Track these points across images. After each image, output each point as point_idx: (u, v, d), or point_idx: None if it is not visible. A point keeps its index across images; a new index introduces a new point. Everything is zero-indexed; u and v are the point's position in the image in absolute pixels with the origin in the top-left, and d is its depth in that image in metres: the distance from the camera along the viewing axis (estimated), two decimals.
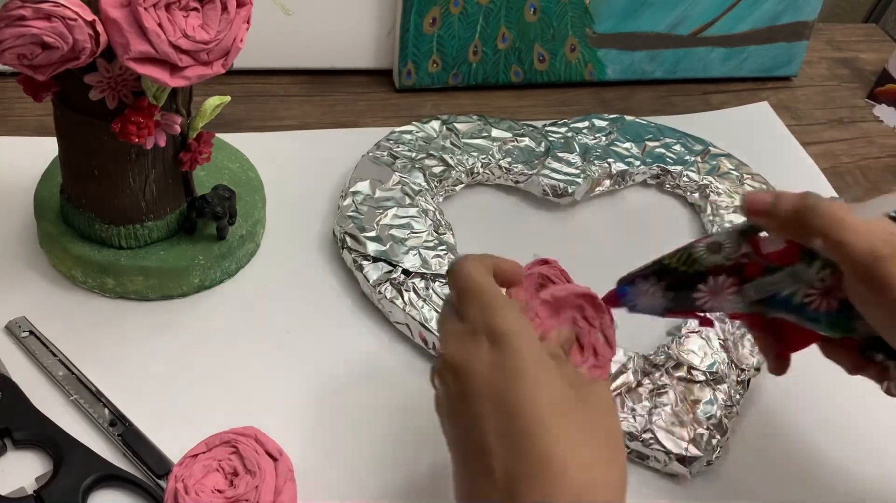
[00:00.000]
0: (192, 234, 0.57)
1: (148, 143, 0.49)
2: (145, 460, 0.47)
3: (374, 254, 0.58)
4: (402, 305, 0.56)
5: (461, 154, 0.68)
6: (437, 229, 0.61)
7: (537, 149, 0.70)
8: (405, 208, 0.62)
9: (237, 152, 0.63)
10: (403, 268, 0.57)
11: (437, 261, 0.58)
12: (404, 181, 0.64)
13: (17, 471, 0.46)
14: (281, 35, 0.74)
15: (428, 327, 0.55)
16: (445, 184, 0.66)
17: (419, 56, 0.76)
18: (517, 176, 0.68)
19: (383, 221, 0.60)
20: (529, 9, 0.77)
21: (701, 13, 0.82)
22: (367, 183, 0.63)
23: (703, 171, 0.71)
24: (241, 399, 0.52)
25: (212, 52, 0.45)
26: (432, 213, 0.62)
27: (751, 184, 0.70)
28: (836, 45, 0.99)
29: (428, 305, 0.56)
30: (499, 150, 0.69)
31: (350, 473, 0.49)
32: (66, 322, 0.54)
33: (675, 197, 0.72)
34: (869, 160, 0.81)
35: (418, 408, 0.46)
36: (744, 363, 0.56)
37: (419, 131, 0.69)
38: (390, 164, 0.65)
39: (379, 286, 0.57)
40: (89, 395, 0.50)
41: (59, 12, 0.41)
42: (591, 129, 0.73)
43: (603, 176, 0.69)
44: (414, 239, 0.60)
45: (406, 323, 0.56)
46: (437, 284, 0.57)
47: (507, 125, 0.72)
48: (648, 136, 0.73)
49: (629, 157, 0.71)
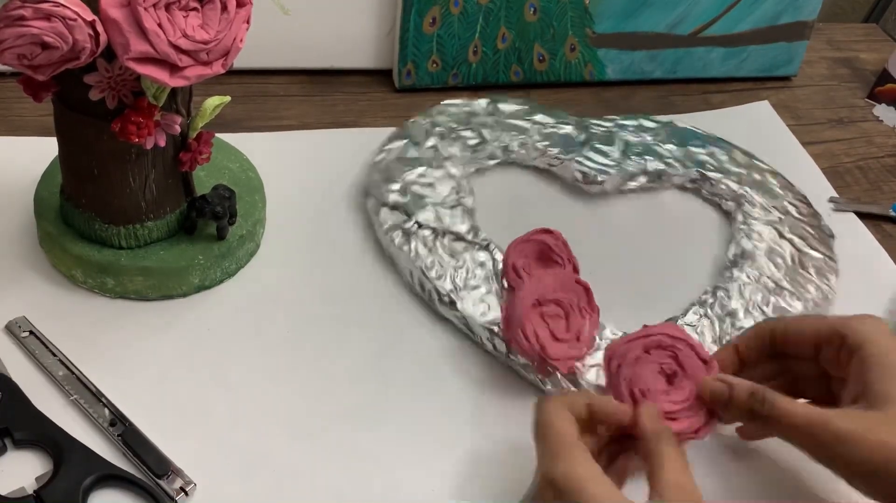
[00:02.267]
0: (192, 233, 0.57)
1: (148, 143, 0.49)
2: (145, 460, 0.47)
3: (393, 203, 0.61)
4: (408, 252, 0.59)
5: (500, 131, 0.70)
6: (457, 192, 0.63)
7: (577, 137, 0.71)
8: (433, 170, 0.65)
9: (237, 152, 0.63)
10: (417, 220, 0.60)
11: (450, 218, 0.61)
12: (438, 146, 0.67)
13: (17, 471, 0.46)
14: (281, 35, 0.74)
15: (427, 275, 0.58)
16: (478, 156, 0.68)
17: (419, 56, 0.76)
18: (551, 159, 0.69)
19: (409, 177, 0.64)
20: (529, 9, 0.77)
21: (701, 13, 0.82)
22: (404, 143, 0.67)
23: (745, 182, 0.70)
24: (241, 399, 0.52)
25: (212, 52, 0.45)
26: (457, 178, 0.65)
27: (792, 202, 0.69)
28: (836, 44, 0.99)
29: (432, 256, 0.59)
30: (538, 133, 0.70)
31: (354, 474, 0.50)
32: (66, 322, 0.54)
33: (711, 204, 0.71)
34: (869, 160, 0.81)
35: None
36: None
37: (466, 105, 0.72)
38: (429, 130, 0.68)
39: (390, 232, 0.60)
40: (89, 395, 0.50)
41: (58, 12, 0.41)
42: (638, 128, 0.73)
43: (638, 172, 0.70)
44: (434, 197, 0.63)
45: (409, 269, 0.59)
46: (446, 239, 0.60)
47: (554, 113, 0.73)
48: (695, 142, 0.73)
49: (669, 159, 0.71)
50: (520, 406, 0.53)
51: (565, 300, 0.53)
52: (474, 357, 0.56)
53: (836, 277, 0.63)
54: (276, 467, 0.49)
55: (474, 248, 0.60)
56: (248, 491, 0.48)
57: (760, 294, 0.60)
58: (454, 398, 0.54)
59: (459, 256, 0.59)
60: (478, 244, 0.60)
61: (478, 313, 0.56)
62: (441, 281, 0.57)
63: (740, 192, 0.69)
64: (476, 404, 0.54)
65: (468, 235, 0.60)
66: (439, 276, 0.58)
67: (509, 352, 0.55)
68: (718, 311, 0.59)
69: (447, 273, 0.58)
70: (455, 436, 0.52)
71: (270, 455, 0.49)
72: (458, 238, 0.60)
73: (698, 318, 0.58)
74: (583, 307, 0.53)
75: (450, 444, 0.51)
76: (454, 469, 0.50)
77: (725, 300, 0.60)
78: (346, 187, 0.67)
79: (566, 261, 0.55)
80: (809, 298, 0.61)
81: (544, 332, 0.52)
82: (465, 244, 0.60)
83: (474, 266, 0.59)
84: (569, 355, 0.52)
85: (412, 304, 0.59)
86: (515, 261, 0.55)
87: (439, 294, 0.57)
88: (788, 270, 0.62)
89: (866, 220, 0.73)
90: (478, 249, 0.60)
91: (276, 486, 0.48)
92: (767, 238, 0.64)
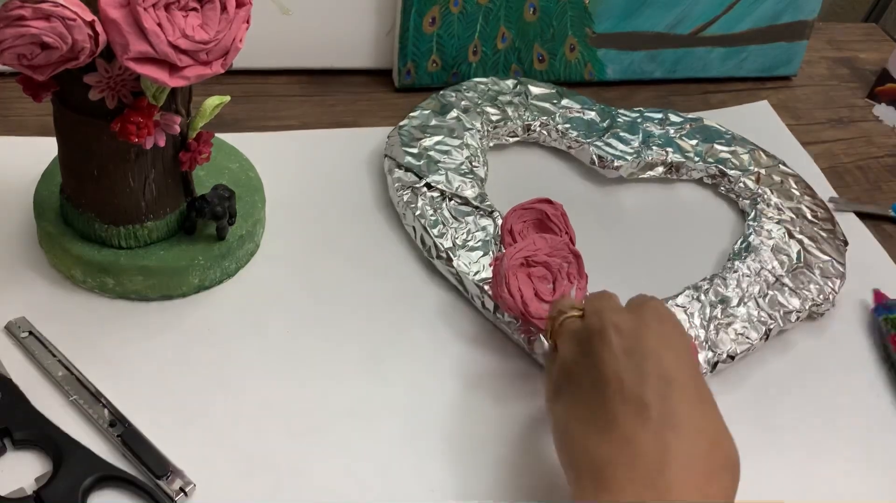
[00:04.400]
0: (191, 234, 0.57)
1: (147, 142, 0.49)
2: (145, 460, 0.47)
3: (407, 164, 0.64)
4: (414, 209, 0.62)
5: (524, 110, 0.72)
6: (471, 161, 0.66)
7: (600, 123, 0.73)
8: (451, 139, 0.67)
9: (237, 152, 0.63)
10: (428, 181, 0.63)
11: (460, 184, 0.63)
12: (461, 118, 0.69)
13: (17, 471, 0.46)
14: (281, 35, 0.74)
15: (429, 233, 0.60)
16: (499, 132, 0.71)
17: (419, 56, 0.76)
18: (571, 142, 0.71)
19: (426, 143, 0.66)
20: (529, 8, 0.77)
21: (701, 13, 0.82)
22: (428, 112, 0.69)
23: (763, 182, 0.70)
24: (241, 399, 0.52)
25: (211, 52, 0.45)
26: (474, 148, 0.67)
27: (809, 206, 0.69)
28: (836, 44, 0.99)
29: (436, 216, 0.61)
30: (561, 116, 0.72)
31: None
32: (65, 322, 0.54)
33: (728, 201, 0.72)
34: (869, 160, 0.81)
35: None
36: (718, 346, 0.57)
37: (494, 84, 0.74)
38: (454, 103, 0.71)
39: (400, 191, 0.63)
40: (89, 396, 0.50)
41: (58, 12, 0.41)
42: (664, 121, 0.75)
43: (657, 162, 0.71)
44: (448, 163, 0.65)
45: (413, 225, 0.62)
46: (452, 203, 0.62)
47: (580, 99, 0.75)
48: (720, 141, 0.73)
49: (690, 153, 0.72)
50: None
51: (554, 264, 0.55)
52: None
53: (841, 282, 0.63)
54: (276, 467, 0.49)
55: (479, 214, 0.62)
56: (248, 491, 0.48)
57: (758, 286, 0.61)
58: (468, 408, 0.54)
59: (463, 219, 0.61)
60: (483, 210, 0.62)
61: (472, 272, 0.58)
62: (442, 239, 0.60)
63: (758, 192, 0.70)
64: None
65: (474, 201, 0.62)
66: (441, 235, 0.60)
67: (496, 310, 0.56)
68: (712, 298, 0.59)
69: (448, 233, 0.60)
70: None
71: (270, 455, 0.49)
72: (465, 202, 0.62)
73: (689, 301, 0.59)
74: (571, 273, 0.55)
75: (452, 444, 0.51)
76: (455, 467, 0.50)
77: (721, 287, 0.60)
78: (347, 187, 0.67)
79: (563, 232, 0.58)
80: (809, 297, 0.61)
81: (529, 291, 0.53)
82: (471, 209, 0.62)
83: (476, 229, 0.61)
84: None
85: (414, 306, 0.59)
86: (513, 225, 0.58)
87: (437, 249, 0.59)
88: (792, 268, 0.63)
89: (866, 220, 0.73)
90: (482, 215, 0.62)
91: (276, 486, 0.48)
92: (776, 236, 0.65)
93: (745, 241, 0.65)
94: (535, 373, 0.56)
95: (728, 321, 0.58)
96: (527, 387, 0.55)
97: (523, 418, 0.53)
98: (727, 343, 0.57)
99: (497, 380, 0.55)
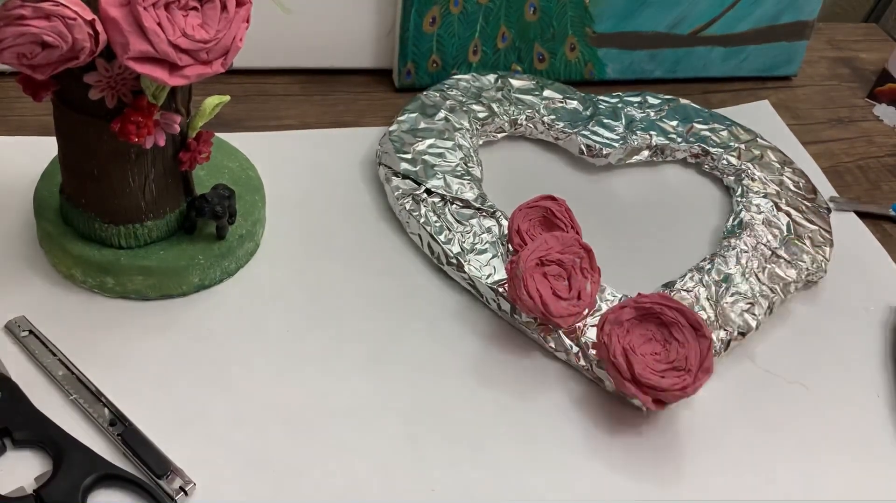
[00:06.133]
0: (191, 233, 0.57)
1: (147, 142, 0.49)
2: (145, 460, 0.47)
3: (404, 172, 0.64)
4: (418, 217, 0.61)
5: (508, 105, 0.72)
6: (466, 162, 0.66)
7: (583, 112, 0.73)
8: (443, 140, 0.67)
9: (237, 152, 0.63)
10: (427, 187, 0.63)
11: (459, 186, 0.63)
12: (449, 119, 0.69)
13: (17, 470, 0.46)
14: (281, 35, 0.74)
15: (436, 240, 0.60)
16: (487, 128, 0.71)
17: (419, 55, 0.76)
18: (558, 133, 0.72)
19: (419, 147, 0.66)
20: (529, 8, 0.77)
21: (701, 12, 0.82)
22: (416, 115, 0.69)
23: (744, 157, 0.72)
24: (241, 399, 0.52)
25: (211, 52, 0.45)
26: (466, 149, 0.67)
27: (790, 177, 0.71)
28: (836, 44, 0.99)
29: (440, 221, 0.61)
30: (545, 108, 0.73)
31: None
32: (65, 322, 0.54)
33: (713, 178, 0.74)
34: (869, 159, 0.81)
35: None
36: (729, 324, 0.58)
37: (476, 81, 0.75)
38: (440, 104, 0.71)
39: (401, 199, 0.63)
40: (89, 395, 0.50)
41: (58, 11, 0.41)
42: (643, 104, 0.76)
43: (642, 146, 0.72)
44: (444, 166, 0.65)
45: (419, 233, 0.62)
46: (454, 206, 0.62)
47: (561, 88, 0.75)
48: (698, 119, 0.75)
49: (672, 134, 0.73)
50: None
51: (567, 261, 0.55)
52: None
53: (830, 249, 0.65)
54: (276, 467, 0.49)
55: (481, 215, 0.62)
56: (247, 491, 0.47)
57: (756, 261, 0.62)
58: (470, 400, 0.54)
59: (467, 222, 0.61)
60: (485, 211, 0.62)
61: (484, 275, 0.58)
62: (449, 244, 0.60)
63: (741, 167, 0.71)
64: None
65: (476, 202, 0.63)
66: (448, 241, 0.60)
67: (513, 311, 0.57)
68: (715, 277, 0.60)
69: (455, 238, 0.60)
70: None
71: (270, 455, 0.49)
72: (466, 205, 0.62)
73: (694, 284, 0.60)
74: (584, 268, 0.56)
75: (453, 443, 0.51)
76: (455, 467, 0.50)
77: (722, 265, 0.61)
78: (346, 187, 0.67)
79: (569, 227, 0.59)
80: (804, 268, 0.63)
81: (547, 291, 0.54)
82: (473, 211, 0.62)
83: (481, 231, 0.61)
84: (570, 313, 0.54)
85: (415, 303, 0.59)
86: (520, 224, 0.59)
87: (447, 256, 0.60)
88: (785, 240, 0.64)
89: (866, 220, 0.73)
90: (485, 216, 0.62)
91: (276, 486, 0.48)
92: (765, 209, 0.67)
93: (738, 218, 0.66)
94: (550, 371, 0.56)
95: (733, 299, 0.59)
96: (542, 385, 0.55)
97: (532, 417, 0.53)
98: (736, 320, 0.58)
99: (511, 378, 0.55)
